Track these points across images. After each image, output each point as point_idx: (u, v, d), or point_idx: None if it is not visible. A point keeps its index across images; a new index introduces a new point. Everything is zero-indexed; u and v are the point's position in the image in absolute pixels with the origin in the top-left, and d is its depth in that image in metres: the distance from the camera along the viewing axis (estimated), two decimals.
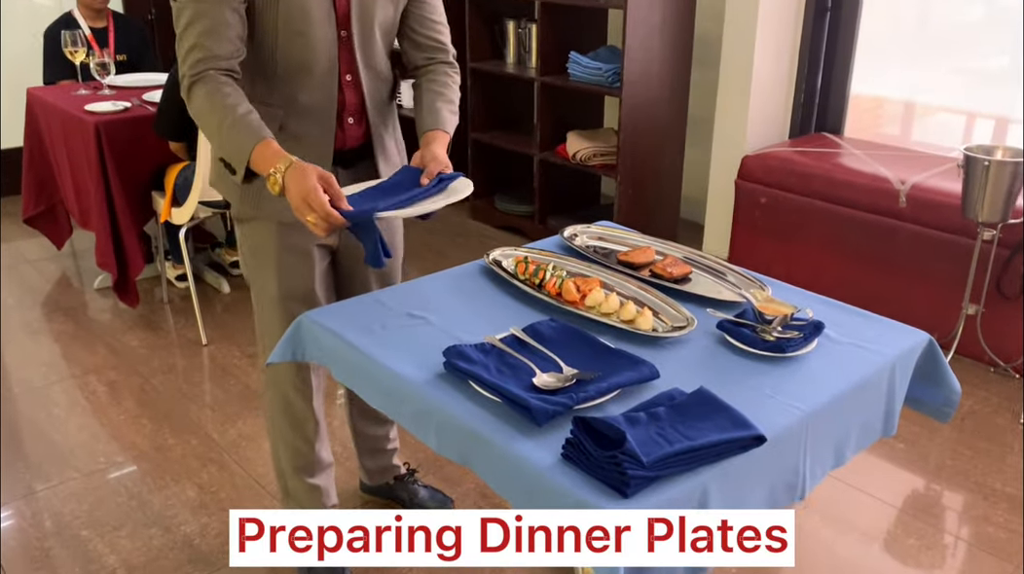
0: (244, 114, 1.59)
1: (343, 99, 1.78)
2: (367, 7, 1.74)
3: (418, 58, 1.91)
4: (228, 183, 1.80)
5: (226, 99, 1.59)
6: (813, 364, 1.48)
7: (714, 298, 1.69)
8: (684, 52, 3.87)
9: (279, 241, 1.84)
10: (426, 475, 2.47)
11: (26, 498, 2.43)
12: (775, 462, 1.32)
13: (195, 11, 1.60)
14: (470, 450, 1.33)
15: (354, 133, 1.83)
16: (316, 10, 1.68)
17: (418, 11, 1.85)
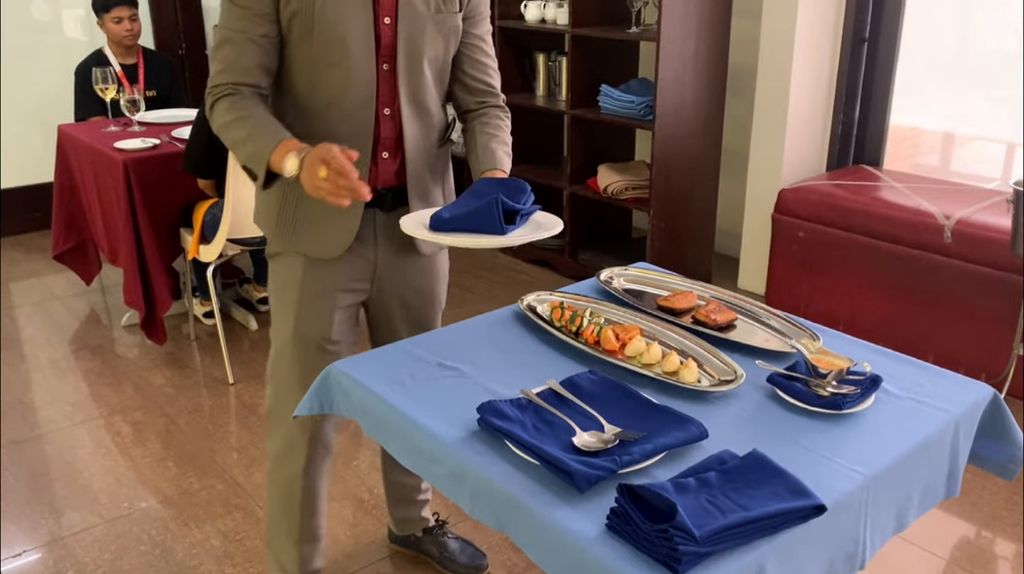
0: (264, 120, 1.59)
1: (379, 132, 1.72)
2: (415, 40, 1.69)
3: (469, 101, 1.86)
4: (266, 217, 1.80)
5: (246, 109, 1.60)
6: (872, 422, 1.39)
7: (761, 348, 1.60)
8: (718, 84, 3.81)
9: (303, 277, 1.79)
10: (457, 524, 2.39)
11: (49, 545, 2.37)
12: (835, 532, 1.22)
13: (223, 36, 1.63)
14: (507, 517, 1.25)
15: (388, 169, 1.76)
16: (355, 43, 1.63)
17: (471, 53, 1.81)
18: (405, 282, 1.90)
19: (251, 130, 1.58)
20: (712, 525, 1.09)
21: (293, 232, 1.76)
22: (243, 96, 1.62)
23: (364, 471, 2.68)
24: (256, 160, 1.58)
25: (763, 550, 1.12)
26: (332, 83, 1.65)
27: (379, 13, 1.65)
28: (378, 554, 2.32)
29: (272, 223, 1.80)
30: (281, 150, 1.54)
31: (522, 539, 1.23)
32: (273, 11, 1.61)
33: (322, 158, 1.44)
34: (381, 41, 1.65)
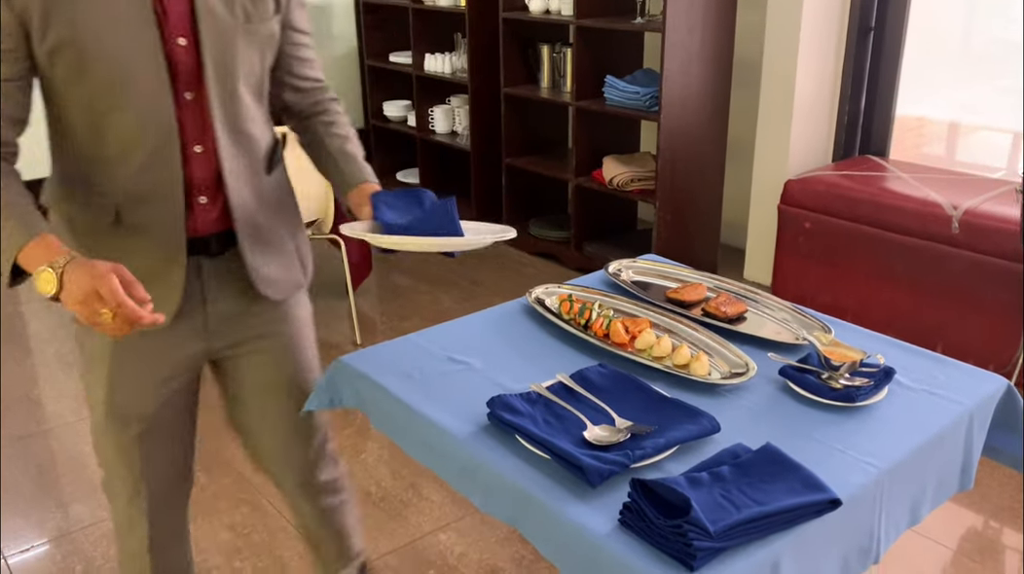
0: (8, 198, 1.25)
1: (190, 175, 1.39)
2: (224, 61, 1.36)
3: (303, 104, 1.60)
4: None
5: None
6: (885, 414, 1.38)
7: (772, 340, 1.59)
8: (724, 75, 3.78)
9: (114, 348, 1.44)
10: (465, 517, 2.38)
11: (56, 540, 2.37)
12: (849, 526, 1.22)
13: None
14: (518, 512, 1.24)
15: (209, 215, 1.43)
16: (142, 77, 1.30)
17: (295, 52, 1.52)
18: (252, 335, 1.56)
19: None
20: (726, 520, 1.08)
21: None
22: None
23: (371, 464, 2.67)
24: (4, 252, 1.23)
25: (778, 545, 1.11)
26: (121, 128, 1.32)
27: (169, 34, 1.31)
28: (387, 546, 2.32)
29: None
30: (34, 251, 1.21)
31: (534, 534, 1.23)
32: (21, 47, 1.26)
33: (96, 290, 1.16)
34: (178, 67, 1.33)
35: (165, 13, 1.30)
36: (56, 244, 1.22)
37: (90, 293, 1.16)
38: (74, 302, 1.17)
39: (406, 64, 4.84)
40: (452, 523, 2.40)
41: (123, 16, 1.27)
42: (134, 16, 1.28)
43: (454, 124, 4.79)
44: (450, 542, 2.33)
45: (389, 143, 5.25)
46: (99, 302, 1.16)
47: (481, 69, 4.41)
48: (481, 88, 4.45)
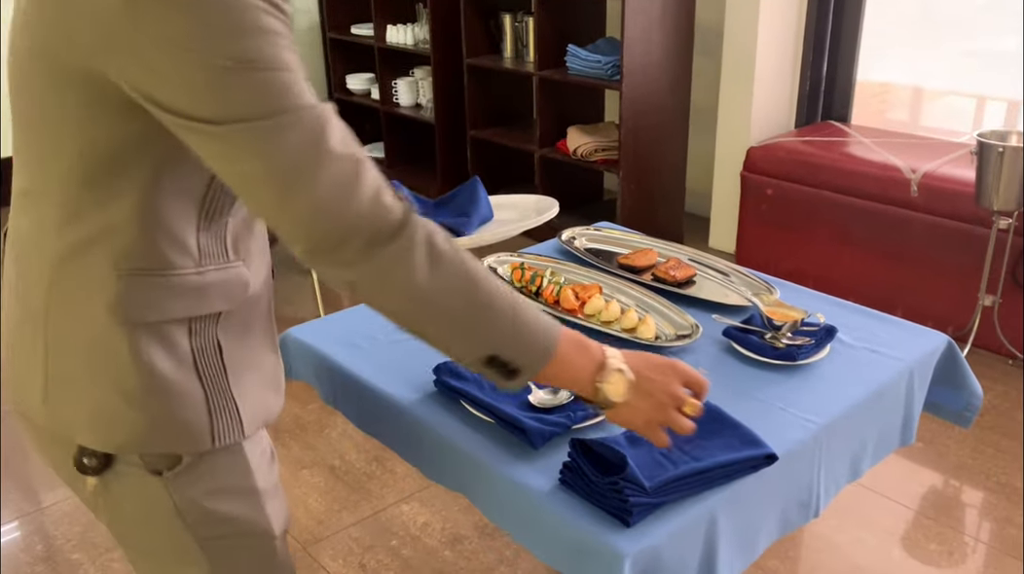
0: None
1: None
2: None
3: None
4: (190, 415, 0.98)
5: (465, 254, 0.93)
6: (826, 372, 1.39)
7: (720, 302, 1.60)
8: (685, 42, 3.77)
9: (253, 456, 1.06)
10: (424, 490, 2.39)
11: (17, 520, 2.36)
12: (788, 481, 1.23)
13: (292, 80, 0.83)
14: (463, 476, 1.25)
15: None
16: None
17: None
18: None
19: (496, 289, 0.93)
20: (662, 476, 1.10)
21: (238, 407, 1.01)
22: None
23: (335, 439, 2.68)
24: (529, 346, 0.95)
25: (714, 501, 1.12)
26: None
27: None
28: (350, 520, 2.33)
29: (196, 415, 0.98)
30: (568, 347, 0.97)
31: (478, 498, 1.24)
32: None
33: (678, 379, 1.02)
34: None
35: None
36: (579, 335, 1.00)
37: (671, 394, 1.01)
38: (653, 407, 1.01)
39: (368, 36, 4.79)
40: (415, 494, 2.42)
41: None
42: None
43: (418, 96, 4.76)
44: (413, 512, 2.35)
45: (353, 117, 5.19)
46: (676, 397, 1.02)
47: (443, 40, 4.37)
48: (444, 59, 4.41)
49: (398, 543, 2.24)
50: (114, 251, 0.91)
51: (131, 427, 0.97)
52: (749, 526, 1.17)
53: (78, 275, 0.92)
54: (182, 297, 0.95)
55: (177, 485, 1.01)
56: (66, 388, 0.97)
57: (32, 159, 0.93)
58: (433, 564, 2.17)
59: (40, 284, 0.95)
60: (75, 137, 0.88)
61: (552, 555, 1.14)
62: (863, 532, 2.25)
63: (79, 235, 0.91)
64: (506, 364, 0.93)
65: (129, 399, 0.95)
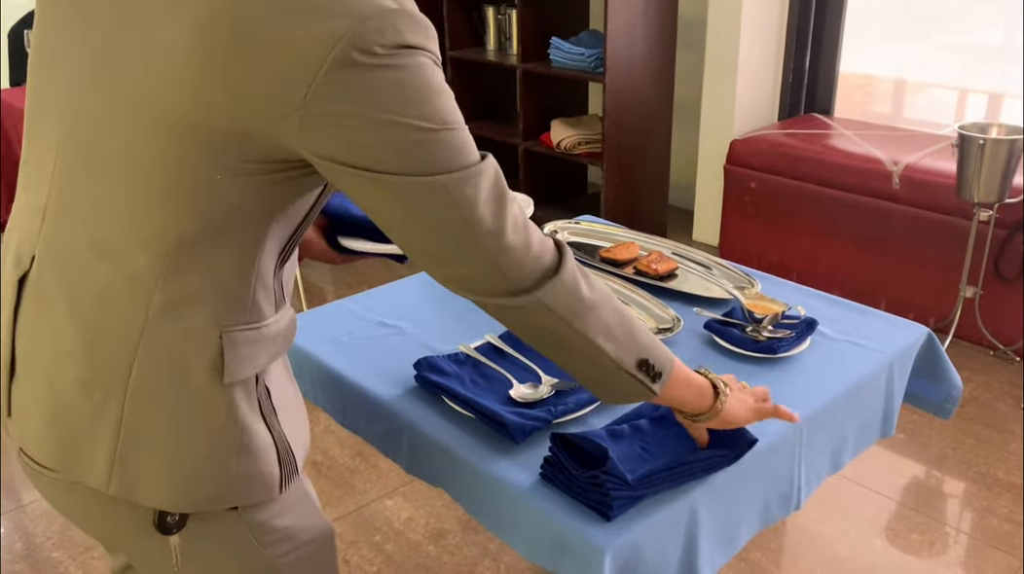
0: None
1: None
2: None
3: None
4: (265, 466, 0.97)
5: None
6: (807, 365, 1.40)
7: (702, 296, 1.60)
8: (668, 35, 3.77)
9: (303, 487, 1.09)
10: (404, 486, 2.38)
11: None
12: (768, 474, 1.23)
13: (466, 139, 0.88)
14: (443, 471, 1.25)
15: None
16: None
17: None
18: None
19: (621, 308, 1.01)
20: (643, 469, 1.09)
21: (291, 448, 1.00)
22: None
23: (318, 434, 2.66)
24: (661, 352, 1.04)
25: (695, 494, 1.12)
26: None
27: None
28: (333, 515, 2.32)
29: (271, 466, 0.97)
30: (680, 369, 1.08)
31: (459, 493, 1.23)
32: None
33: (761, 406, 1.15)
34: None
35: None
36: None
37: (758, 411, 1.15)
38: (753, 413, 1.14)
39: None
40: (399, 489, 2.41)
41: None
42: None
43: None
44: (396, 507, 2.34)
45: None
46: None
47: None
48: None
49: (381, 538, 2.23)
50: (216, 308, 0.88)
51: (216, 485, 0.94)
52: (730, 519, 1.18)
53: (175, 333, 0.88)
54: (268, 347, 0.94)
55: (252, 513, 1.00)
56: (144, 450, 0.91)
57: (116, 210, 0.86)
58: (417, 559, 2.16)
59: (124, 344, 0.88)
60: (198, 200, 0.84)
61: (533, 550, 1.13)
62: (845, 523, 2.26)
63: (178, 292, 0.87)
64: (652, 366, 1.01)
65: (220, 459, 0.93)
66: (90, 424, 0.91)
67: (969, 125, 2.81)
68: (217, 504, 0.96)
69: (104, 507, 0.97)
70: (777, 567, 2.13)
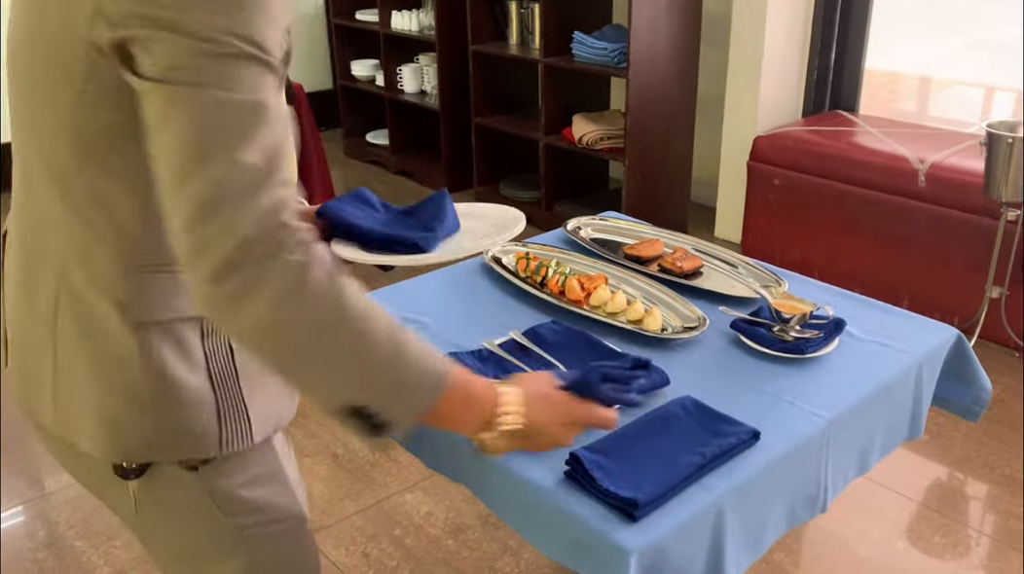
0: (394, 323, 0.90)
1: None
2: None
3: None
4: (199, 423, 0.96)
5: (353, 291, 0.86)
6: (835, 365, 1.38)
7: (727, 294, 1.59)
8: (692, 30, 3.74)
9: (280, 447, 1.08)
10: (425, 480, 2.39)
11: (21, 506, 2.36)
12: (795, 475, 1.22)
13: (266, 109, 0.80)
14: (464, 466, 1.24)
15: None
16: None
17: None
18: None
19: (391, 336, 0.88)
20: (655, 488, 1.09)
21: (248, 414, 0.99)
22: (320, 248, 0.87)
23: (337, 427, 2.67)
24: (405, 401, 0.88)
25: (721, 493, 1.11)
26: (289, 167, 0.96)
27: None
28: (353, 508, 2.32)
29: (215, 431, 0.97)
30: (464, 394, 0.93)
31: (480, 489, 1.23)
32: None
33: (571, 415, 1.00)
34: None
35: None
36: (470, 374, 0.96)
37: (566, 424, 1.00)
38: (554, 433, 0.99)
39: (373, 22, 4.75)
40: (419, 483, 2.41)
41: None
42: None
43: (423, 83, 4.73)
44: (416, 501, 2.34)
45: (357, 104, 5.18)
46: (571, 427, 1.01)
47: (449, 26, 4.34)
48: (449, 46, 4.38)
49: (401, 532, 2.24)
50: (119, 248, 0.89)
51: (139, 435, 0.94)
52: (756, 520, 1.16)
53: (86, 275, 0.89)
54: (182, 295, 0.92)
55: (213, 478, 1.00)
56: (74, 394, 0.94)
57: (31, 153, 0.91)
58: (436, 553, 2.17)
59: (48, 285, 0.92)
60: (67, 126, 0.85)
61: (555, 549, 1.13)
62: (867, 524, 2.24)
63: (84, 229, 0.88)
64: (371, 417, 0.85)
65: (138, 405, 0.92)
66: (38, 362, 0.95)
67: (997, 123, 2.77)
68: (147, 455, 0.95)
69: (75, 457, 1.00)
70: (798, 568, 2.12)
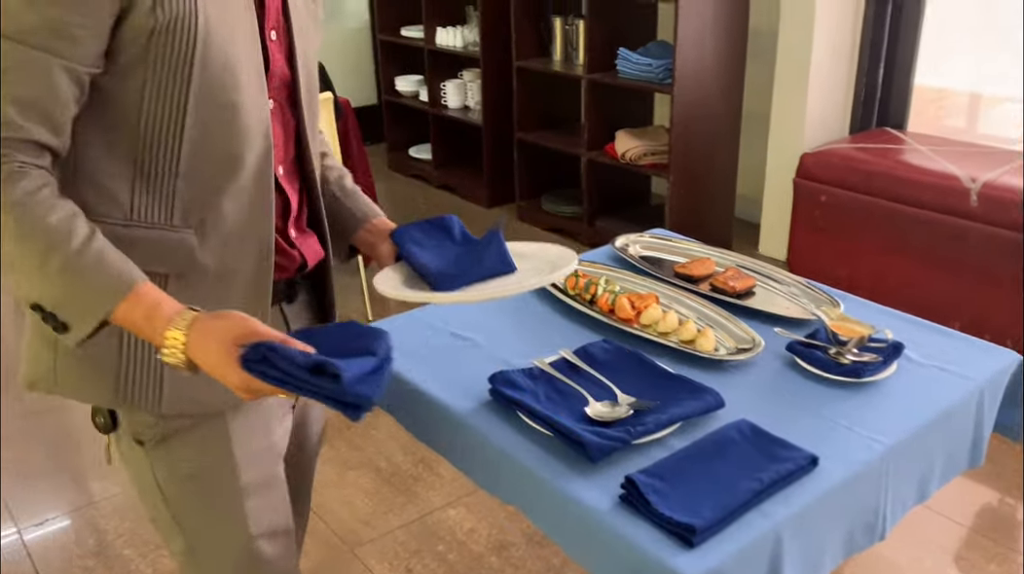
0: (86, 242, 0.95)
1: (284, 202, 1.16)
2: (310, 68, 1.16)
3: None
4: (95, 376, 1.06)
5: (49, 214, 0.94)
6: (893, 390, 1.35)
7: (781, 315, 1.57)
8: (738, 46, 3.72)
9: (237, 449, 1.13)
10: (469, 495, 2.38)
11: (69, 514, 2.40)
12: (853, 502, 1.20)
13: (14, 56, 0.91)
14: (518, 488, 1.24)
15: (293, 251, 1.19)
16: (243, 73, 1.03)
17: None
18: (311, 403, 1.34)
19: (67, 255, 0.94)
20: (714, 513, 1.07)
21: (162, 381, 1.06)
22: (38, 178, 0.95)
23: (382, 440, 2.68)
24: (80, 308, 0.96)
25: (780, 520, 1.10)
26: (222, 134, 1.03)
27: (266, 24, 1.08)
28: (396, 522, 2.32)
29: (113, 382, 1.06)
30: (141, 307, 0.95)
31: (533, 512, 1.22)
32: (109, 27, 0.94)
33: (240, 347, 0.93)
34: (269, 67, 1.08)
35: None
36: (158, 300, 0.96)
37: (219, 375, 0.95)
38: (219, 378, 0.95)
39: (418, 38, 4.79)
40: (462, 498, 2.41)
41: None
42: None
43: (466, 98, 4.76)
44: (460, 517, 2.34)
45: (401, 118, 5.22)
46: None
47: (493, 42, 4.36)
48: (493, 61, 4.41)
49: (444, 548, 2.23)
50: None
51: (43, 366, 1.07)
52: (814, 547, 1.14)
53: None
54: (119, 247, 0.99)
55: (157, 459, 1.12)
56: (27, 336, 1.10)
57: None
58: (479, 570, 2.16)
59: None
60: None
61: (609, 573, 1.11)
62: (919, 551, 2.19)
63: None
64: (54, 316, 0.97)
65: (46, 340, 1.05)
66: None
67: None
68: (53, 388, 1.08)
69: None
70: None
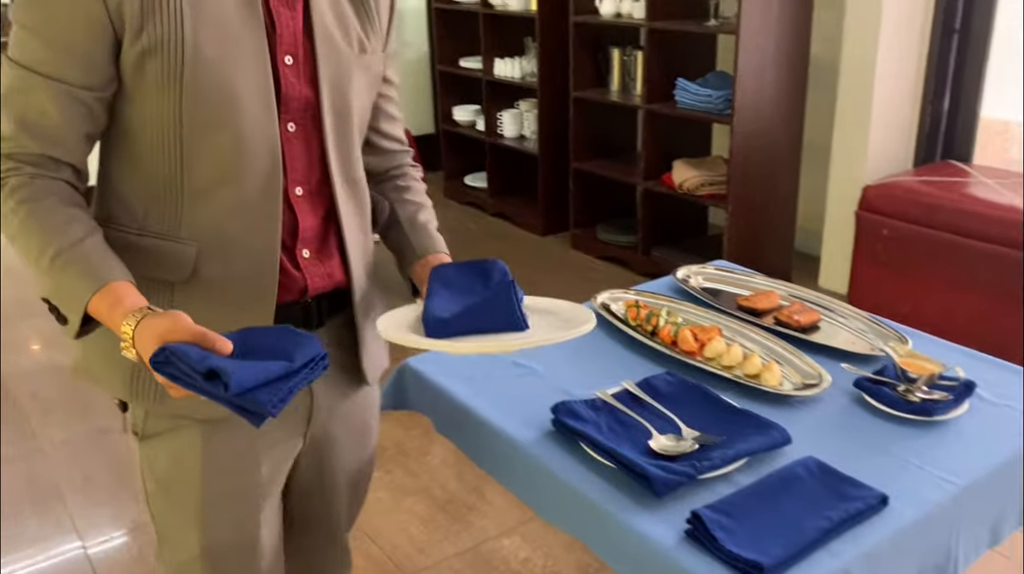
0: (78, 242, 1.04)
1: (293, 223, 1.17)
2: (342, 89, 1.18)
3: (380, 166, 1.37)
4: (111, 368, 1.15)
5: (51, 217, 1.04)
6: (965, 429, 1.32)
7: (847, 351, 1.55)
8: (799, 77, 3.71)
9: (205, 457, 1.18)
10: (526, 522, 2.37)
11: (133, 531, 2.45)
12: (924, 543, 1.17)
13: (19, 79, 1.04)
14: (581, 521, 1.23)
15: (316, 272, 1.21)
16: (244, 94, 1.08)
17: (385, 105, 1.33)
18: (344, 423, 1.34)
19: (59, 251, 1.03)
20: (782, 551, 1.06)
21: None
22: (45, 188, 1.06)
23: (436, 467, 2.69)
24: (66, 300, 1.05)
25: (849, 559, 1.08)
26: (217, 153, 1.08)
27: (278, 50, 1.12)
28: (451, 549, 2.33)
29: (127, 378, 1.15)
30: (107, 300, 1.01)
31: (597, 543, 1.21)
32: (109, 53, 1.04)
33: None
34: (285, 91, 1.13)
35: (273, 25, 1.11)
36: (122, 295, 1.01)
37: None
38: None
39: (476, 69, 4.86)
40: (517, 527, 2.40)
41: (231, 16, 1.06)
42: (243, 19, 1.07)
43: (522, 128, 4.80)
44: (514, 547, 2.33)
45: (458, 147, 5.28)
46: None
47: (551, 73, 4.41)
48: (550, 91, 4.44)
49: None
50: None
51: (82, 356, 1.20)
52: None
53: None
54: (119, 250, 1.07)
55: (143, 453, 1.21)
56: None
57: None
58: None
59: None
60: None
61: None
62: None
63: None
64: (56, 309, 1.08)
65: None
66: None
67: None
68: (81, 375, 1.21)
69: None
70: None
